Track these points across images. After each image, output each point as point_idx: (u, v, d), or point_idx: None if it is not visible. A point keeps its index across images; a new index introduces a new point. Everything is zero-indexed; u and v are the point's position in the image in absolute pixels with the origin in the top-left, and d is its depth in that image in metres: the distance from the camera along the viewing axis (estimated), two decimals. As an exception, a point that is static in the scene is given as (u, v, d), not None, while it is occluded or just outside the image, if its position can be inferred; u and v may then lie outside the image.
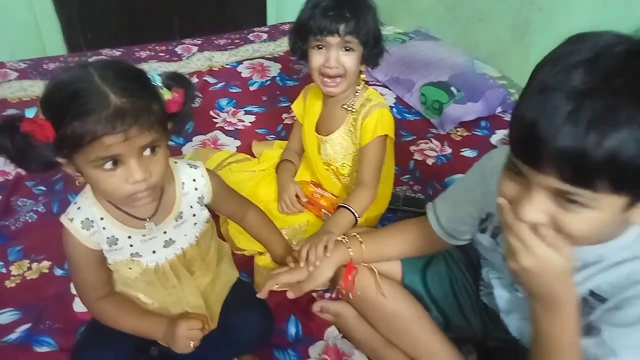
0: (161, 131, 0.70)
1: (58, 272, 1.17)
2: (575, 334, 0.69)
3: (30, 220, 1.30)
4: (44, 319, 1.05)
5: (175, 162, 0.86)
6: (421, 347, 0.97)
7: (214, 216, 0.96)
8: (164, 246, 0.84)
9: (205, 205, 0.90)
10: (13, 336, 1.02)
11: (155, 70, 0.75)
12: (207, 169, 0.89)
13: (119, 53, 2.19)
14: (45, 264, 1.19)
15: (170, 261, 0.86)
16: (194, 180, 0.86)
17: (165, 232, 0.83)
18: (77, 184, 0.74)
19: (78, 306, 1.09)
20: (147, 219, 0.80)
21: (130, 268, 0.84)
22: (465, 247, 1.07)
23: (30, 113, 0.65)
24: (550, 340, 0.70)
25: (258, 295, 0.94)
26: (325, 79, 1.16)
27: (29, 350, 0.99)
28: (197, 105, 1.78)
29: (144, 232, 0.81)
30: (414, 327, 0.99)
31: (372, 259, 1.02)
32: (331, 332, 1.08)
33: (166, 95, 0.72)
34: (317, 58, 1.14)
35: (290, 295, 0.95)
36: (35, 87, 1.87)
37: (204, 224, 0.90)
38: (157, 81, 0.72)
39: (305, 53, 1.18)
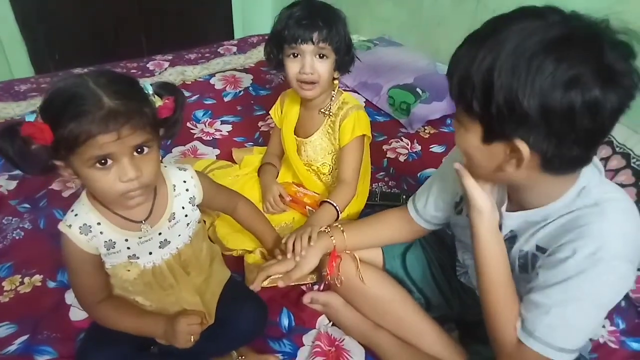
0: (153, 133, 0.76)
1: (51, 284, 1.19)
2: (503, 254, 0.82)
3: (17, 237, 1.31)
4: (41, 330, 1.07)
5: (165, 167, 0.91)
6: (406, 327, 1.04)
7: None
8: (160, 247, 0.89)
9: (197, 205, 0.94)
10: (12, 348, 1.04)
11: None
12: (195, 170, 0.94)
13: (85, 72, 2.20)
14: (38, 277, 1.20)
15: (166, 261, 0.90)
16: (185, 182, 0.91)
17: (160, 234, 0.88)
18: (73, 186, 0.79)
19: (75, 315, 1.11)
20: (143, 221, 0.85)
21: (129, 270, 0.88)
22: (440, 233, 1.16)
23: (30, 117, 0.70)
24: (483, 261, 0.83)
25: (251, 287, 1.00)
26: (302, 84, 1.23)
27: (30, 359, 1.02)
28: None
29: (140, 234, 0.85)
30: (398, 309, 1.06)
31: (354, 246, 1.10)
32: (322, 320, 1.14)
33: (157, 102, 0.78)
34: (292, 66, 1.21)
35: (281, 284, 1.01)
36: (9, 109, 1.86)
37: (196, 224, 0.95)
38: (149, 89, 0.78)
39: (281, 62, 1.24)
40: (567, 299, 0.73)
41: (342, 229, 1.10)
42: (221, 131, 1.81)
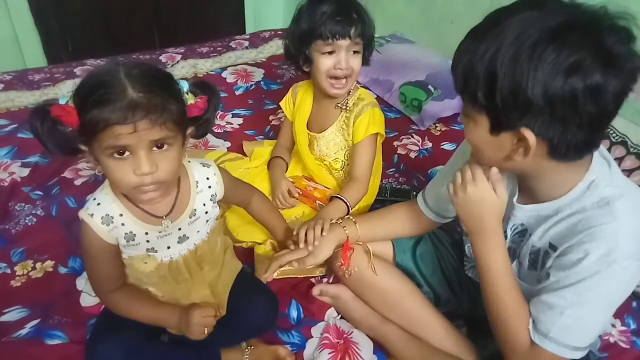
0: (175, 130, 0.74)
1: (62, 270, 1.20)
2: (505, 262, 0.82)
3: (30, 224, 1.32)
4: (52, 314, 1.09)
5: (189, 162, 0.90)
6: (414, 320, 1.05)
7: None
8: (178, 242, 0.89)
9: (217, 202, 0.94)
10: (23, 332, 1.05)
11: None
12: (217, 166, 0.94)
13: (104, 63, 2.22)
14: (49, 263, 1.21)
15: (183, 256, 0.91)
16: (208, 178, 0.91)
17: (180, 229, 0.88)
18: (96, 172, 0.80)
19: (85, 301, 1.12)
20: (164, 217, 0.85)
21: (146, 262, 0.88)
22: (449, 228, 1.16)
23: (63, 100, 0.71)
24: (486, 269, 0.83)
25: (263, 276, 1.00)
26: (332, 81, 1.21)
27: (41, 343, 1.02)
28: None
29: (160, 229, 0.85)
30: (407, 302, 1.06)
31: (366, 238, 1.10)
32: (331, 313, 1.14)
33: (190, 100, 0.77)
34: (326, 62, 1.19)
35: (295, 265, 1.01)
36: (23, 98, 1.88)
37: (215, 220, 0.95)
38: (184, 87, 0.77)
39: (307, 59, 1.22)
40: (581, 300, 0.74)
41: (354, 220, 1.10)
42: (232, 124, 1.82)
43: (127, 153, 0.72)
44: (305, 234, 1.06)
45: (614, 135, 1.41)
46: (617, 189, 0.75)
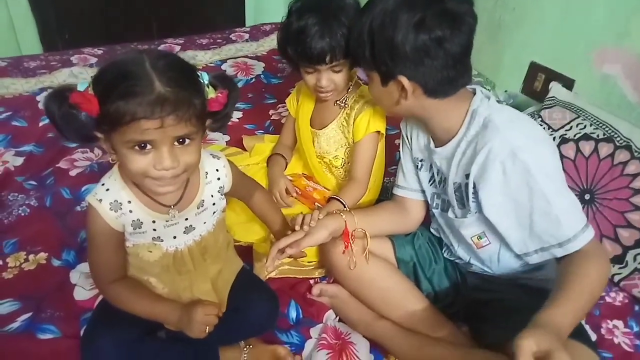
0: (198, 125, 0.73)
1: (56, 262, 1.18)
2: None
3: (23, 214, 1.29)
4: (44, 308, 1.06)
5: (201, 152, 0.88)
6: (414, 316, 1.06)
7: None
8: (184, 232, 0.87)
9: (224, 194, 0.92)
10: (14, 325, 1.02)
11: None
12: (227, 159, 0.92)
13: (101, 52, 2.19)
14: (43, 255, 1.19)
15: (188, 247, 0.89)
16: (217, 170, 0.90)
17: (186, 219, 0.86)
18: (110, 160, 0.77)
19: (79, 294, 1.10)
20: (172, 206, 0.83)
21: (151, 251, 0.86)
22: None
23: (82, 86, 0.69)
24: None
25: (266, 264, 0.98)
26: (319, 92, 1.20)
27: (33, 337, 1.00)
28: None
29: (167, 218, 0.84)
30: (406, 299, 1.07)
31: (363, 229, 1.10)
32: (329, 315, 1.13)
33: (210, 93, 0.75)
34: (309, 78, 1.18)
35: (290, 251, 0.99)
36: (18, 85, 1.85)
37: (220, 212, 0.93)
38: (205, 79, 0.75)
39: (297, 67, 1.20)
40: (548, 198, 0.84)
41: (352, 212, 1.11)
42: (232, 117, 1.78)
43: (149, 147, 0.70)
44: (302, 220, 1.05)
45: (618, 139, 1.40)
46: (490, 108, 0.92)
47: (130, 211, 0.81)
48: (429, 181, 1.09)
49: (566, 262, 0.86)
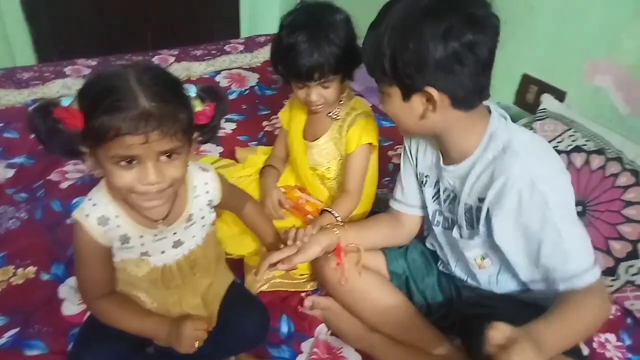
0: (184, 139, 0.72)
1: (45, 276, 1.17)
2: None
3: (13, 227, 1.28)
4: (32, 323, 1.05)
5: (187, 165, 0.87)
6: (406, 330, 1.05)
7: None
8: (173, 247, 0.87)
9: (213, 207, 0.92)
10: (1, 341, 1.01)
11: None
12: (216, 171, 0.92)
13: (95, 63, 2.19)
14: (31, 269, 1.18)
15: (177, 261, 0.88)
16: (206, 183, 0.89)
17: (175, 233, 0.86)
18: (95, 175, 0.77)
19: (67, 309, 1.09)
20: (160, 221, 0.82)
21: (139, 266, 0.85)
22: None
23: (66, 101, 0.68)
24: None
25: (257, 277, 0.97)
26: (310, 105, 1.21)
27: (20, 354, 0.99)
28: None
29: (155, 233, 0.83)
30: (398, 312, 1.07)
31: (356, 242, 1.10)
32: (321, 329, 1.12)
33: (197, 106, 0.75)
34: (300, 93, 1.19)
35: (282, 267, 0.99)
36: (10, 96, 1.85)
37: (210, 226, 0.93)
38: (192, 92, 0.75)
39: (289, 82, 1.21)
40: (561, 233, 0.83)
41: (344, 225, 1.11)
42: (225, 129, 1.79)
43: (134, 162, 0.70)
44: (295, 235, 1.05)
45: (609, 151, 1.40)
46: (510, 132, 0.90)
47: (118, 226, 0.80)
48: (433, 198, 1.07)
49: (569, 290, 0.85)
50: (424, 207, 1.12)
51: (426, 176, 1.07)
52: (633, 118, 1.44)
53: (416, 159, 1.09)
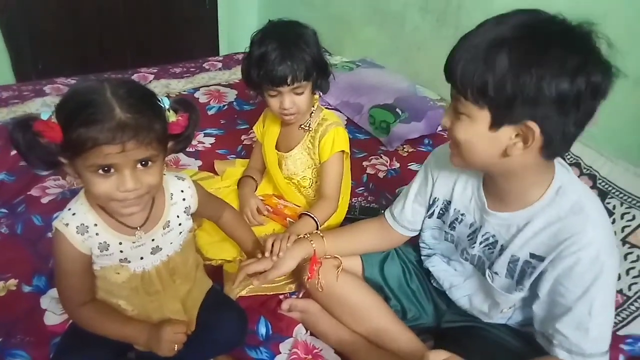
0: (159, 148, 0.77)
1: (26, 288, 1.18)
2: None
3: (-7, 242, 1.30)
4: (15, 334, 1.06)
5: (164, 174, 0.91)
6: (382, 333, 1.07)
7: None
8: (152, 253, 0.90)
9: (191, 214, 0.95)
10: (-17, 352, 1.02)
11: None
12: (192, 180, 0.96)
13: (74, 82, 2.21)
14: (13, 281, 1.19)
15: (155, 267, 0.91)
16: (182, 191, 0.93)
17: (153, 240, 0.89)
18: (74, 184, 0.80)
19: (49, 319, 1.10)
20: (138, 228, 0.86)
21: (118, 273, 0.88)
22: (417, 245, 1.20)
23: (45, 115, 0.72)
24: None
25: (234, 287, 1.01)
26: (283, 115, 1.27)
27: (2, 363, 1.00)
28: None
29: (134, 239, 0.86)
30: (375, 315, 1.09)
31: (334, 253, 1.13)
32: (299, 329, 1.15)
33: (171, 117, 0.80)
34: (273, 101, 1.24)
35: (256, 283, 1.02)
36: (-11, 115, 1.86)
37: (187, 233, 0.96)
38: (166, 104, 0.79)
39: (261, 92, 1.27)
40: (594, 311, 0.80)
41: (322, 235, 1.13)
42: (204, 143, 1.83)
43: (112, 170, 0.74)
44: (272, 245, 1.09)
45: (569, 157, 1.49)
46: (582, 193, 0.83)
47: (97, 234, 0.83)
48: (468, 236, 0.99)
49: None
50: (418, 230, 1.11)
51: (462, 214, 0.99)
52: (589, 127, 1.53)
53: (452, 191, 0.99)
